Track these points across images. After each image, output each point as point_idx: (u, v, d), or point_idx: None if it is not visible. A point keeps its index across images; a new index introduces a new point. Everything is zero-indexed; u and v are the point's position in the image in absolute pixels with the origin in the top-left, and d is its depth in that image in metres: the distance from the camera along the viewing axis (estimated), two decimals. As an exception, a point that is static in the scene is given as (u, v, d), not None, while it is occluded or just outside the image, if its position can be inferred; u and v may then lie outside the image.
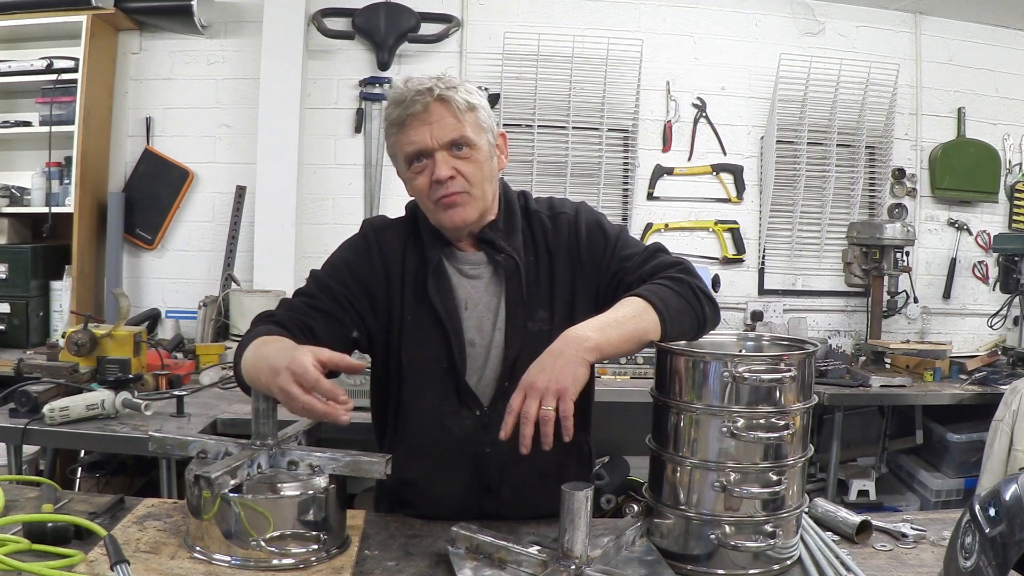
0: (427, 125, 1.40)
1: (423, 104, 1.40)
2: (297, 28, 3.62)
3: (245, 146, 3.71)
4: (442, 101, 1.41)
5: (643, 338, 1.31)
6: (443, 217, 1.44)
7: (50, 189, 3.53)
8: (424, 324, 1.48)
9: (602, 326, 1.29)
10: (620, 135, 3.92)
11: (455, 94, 1.41)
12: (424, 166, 1.42)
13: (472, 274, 1.51)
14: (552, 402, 1.19)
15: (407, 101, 1.40)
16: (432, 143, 1.40)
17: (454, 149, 1.42)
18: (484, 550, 1.23)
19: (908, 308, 4.02)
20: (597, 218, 1.55)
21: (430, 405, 1.49)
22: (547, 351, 1.25)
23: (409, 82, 1.43)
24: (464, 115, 1.42)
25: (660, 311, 1.32)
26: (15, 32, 3.56)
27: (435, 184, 1.41)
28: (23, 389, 2.25)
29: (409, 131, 1.41)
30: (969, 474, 3.27)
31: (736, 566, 1.25)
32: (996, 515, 1.02)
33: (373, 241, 1.53)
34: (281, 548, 1.20)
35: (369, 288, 1.49)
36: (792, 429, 1.25)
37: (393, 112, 1.43)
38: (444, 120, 1.41)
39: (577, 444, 1.56)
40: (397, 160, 1.48)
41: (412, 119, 1.41)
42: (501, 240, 1.49)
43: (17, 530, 1.23)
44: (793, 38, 3.99)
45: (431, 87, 1.41)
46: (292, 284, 3.62)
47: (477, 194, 1.44)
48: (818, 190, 4.01)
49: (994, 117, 4.12)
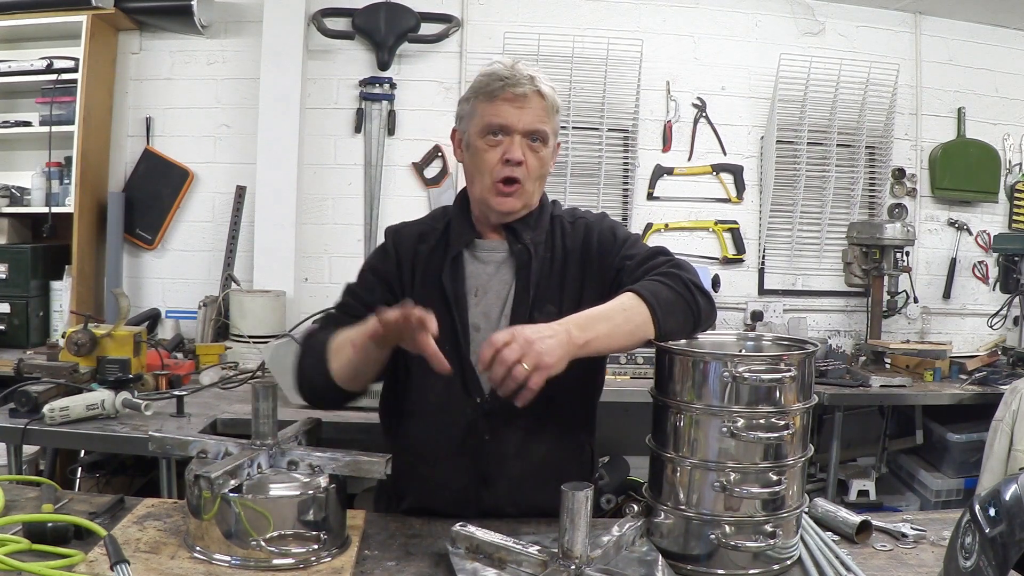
0: (520, 108, 1.47)
1: (526, 88, 1.47)
2: (297, 28, 3.62)
3: (245, 146, 3.71)
4: (540, 95, 1.49)
5: (635, 331, 1.32)
6: (494, 200, 1.50)
7: (50, 189, 3.53)
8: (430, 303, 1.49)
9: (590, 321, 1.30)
10: (620, 135, 3.92)
11: (552, 94, 1.51)
12: (499, 142, 1.49)
13: (487, 260, 1.56)
14: (530, 364, 1.20)
15: (512, 78, 1.47)
16: (518, 124, 1.47)
17: (530, 139, 1.49)
18: (484, 550, 1.23)
19: (908, 308, 4.01)
20: (612, 225, 1.60)
21: (432, 389, 1.50)
22: (549, 327, 1.26)
23: (517, 64, 1.50)
24: (551, 115, 1.51)
25: (650, 303, 1.33)
26: (15, 32, 3.55)
27: (504, 163, 1.47)
28: (23, 389, 2.24)
29: (501, 105, 1.47)
30: (969, 474, 3.27)
31: (736, 566, 1.25)
32: (996, 515, 1.02)
33: (391, 242, 1.61)
34: (281, 548, 1.20)
35: (391, 285, 1.57)
36: (792, 429, 1.25)
37: (490, 83, 1.49)
38: (536, 110, 1.48)
39: (579, 444, 1.57)
40: (469, 124, 1.53)
41: (510, 95, 1.47)
42: (524, 232, 1.54)
43: (17, 530, 1.23)
44: (793, 38, 3.99)
45: (536, 77, 1.49)
46: (292, 284, 3.63)
47: (530, 188, 1.51)
48: (818, 190, 4.01)
49: (994, 117, 4.12)
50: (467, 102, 1.54)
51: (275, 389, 1.33)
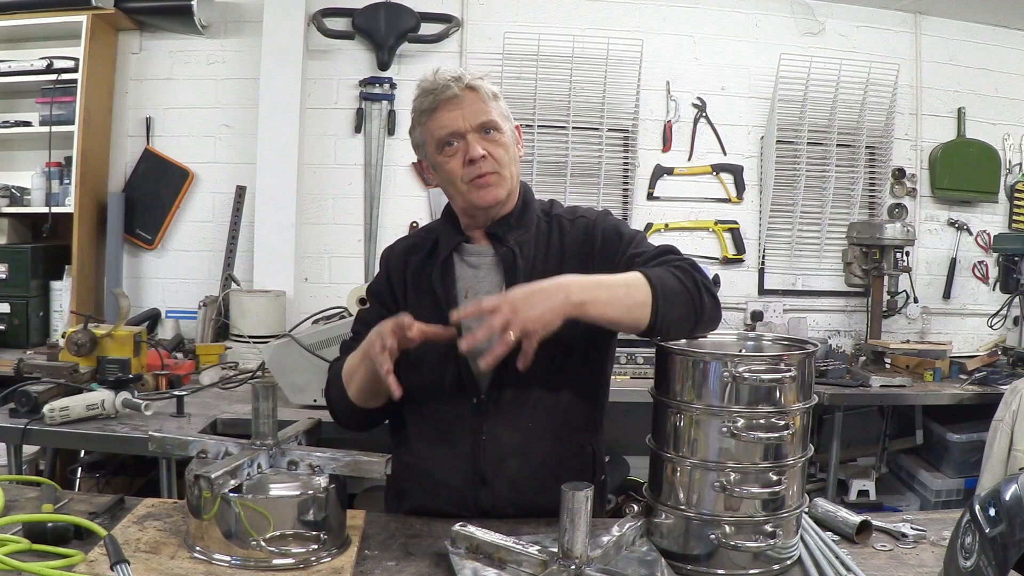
0: (459, 109, 1.48)
1: (454, 90, 1.47)
2: (297, 28, 3.62)
3: (245, 146, 3.71)
4: (471, 89, 1.49)
5: (632, 308, 1.31)
6: (477, 197, 1.50)
7: (50, 189, 3.53)
8: (423, 308, 1.52)
9: (594, 284, 1.31)
10: (620, 135, 3.92)
11: (483, 83, 1.51)
12: (456, 149, 1.50)
13: (476, 263, 1.57)
14: (516, 333, 1.21)
15: (438, 88, 1.48)
16: (464, 125, 1.48)
17: (483, 132, 1.50)
18: (484, 550, 1.23)
19: (908, 308, 4.02)
20: (616, 223, 1.59)
21: (428, 389, 1.51)
22: (539, 285, 1.27)
23: (438, 73, 1.51)
24: (491, 102, 1.51)
25: (654, 285, 1.32)
26: (15, 32, 3.55)
27: (469, 164, 1.48)
28: (23, 389, 2.24)
29: (441, 116, 1.49)
30: (969, 474, 3.27)
31: (736, 566, 1.25)
32: (996, 515, 1.02)
33: (383, 263, 1.67)
34: (281, 548, 1.20)
35: (387, 304, 1.60)
36: (792, 429, 1.25)
37: (424, 100, 1.50)
38: (475, 105, 1.49)
39: (580, 446, 1.57)
40: (426, 147, 1.55)
41: (444, 104, 1.48)
42: (508, 235, 1.54)
43: (17, 530, 1.23)
44: (793, 38, 3.99)
45: (460, 75, 1.50)
46: (292, 284, 3.63)
47: (506, 175, 1.51)
48: (818, 190, 4.01)
49: (994, 117, 4.12)
50: (414, 130, 1.57)
51: (275, 389, 1.33)
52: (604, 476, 1.61)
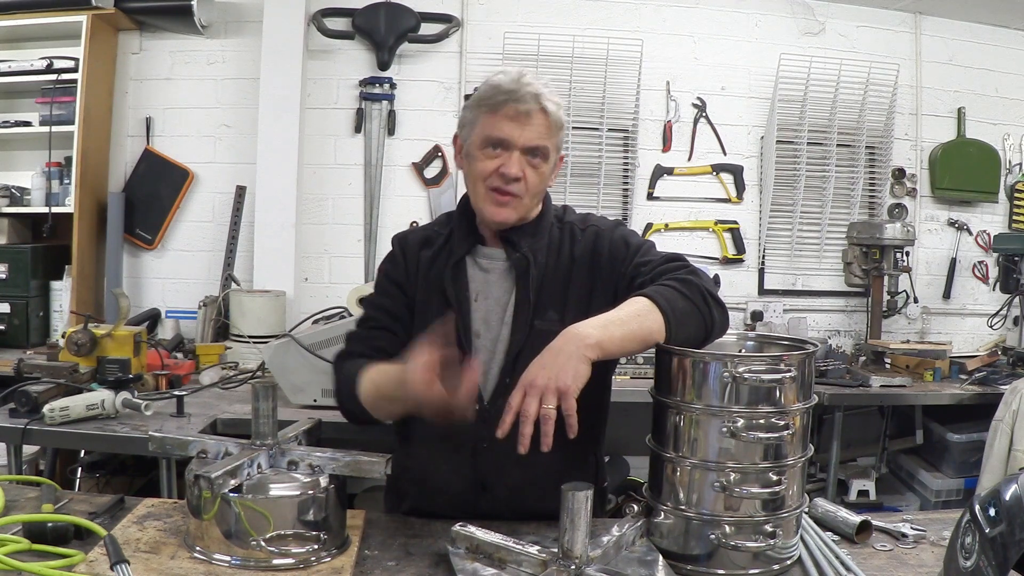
0: (522, 125, 1.46)
1: (529, 107, 1.45)
2: (297, 28, 3.62)
3: (245, 146, 3.71)
4: (544, 112, 1.47)
5: (648, 338, 1.30)
6: (488, 209, 1.50)
7: (50, 189, 3.53)
8: (433, 309, 1.53)
9: (604, 323, 1.28)
10: (620, 135, 3.92)
11: (557, 110, 1.49)
12: (497, 155, 1.48)
13: (488, 267, 1.56)
14: (553, 400, 1.19)
15: (517, 94, 1.45)
16: (518, 141, 1.46)
17: (530, 155, 1.48)
18: (484, 550, 1.23)
19: (908, 308, 4.02)
20: (625, 233, 1.58)
21: None
22: (548, 348, 1.25)
23: (523, 78, 1.48)
24: (553, 131, 1.50)
25: (665, 311, 1.31)
26: (15, 32, 3.55)
27: (499, 175, 1.47)
28: (23, 389, 2.24)
29: (503, 119, 1.46)
30: (969, 474, 3.27)
31: (736, 566, 1.25)
32: (996, 515, 1.02)
33: (398, 248, 1.64)
34: (281, 548, 1.20)
35: (404, 288, 1.59)
36: (792, 429, 1.25)
37: (495, 95, 1.47)
38: (539, 127, 1.47)
39: (583, 454, 1.57)
40: (471, 133, 1.52)
41: (512, 111, 1.45)
42: (522, 240, 1.53)
43: (17, 530, 1.23)
44: (793, 38, 3.98)
45: (541, 94, 1.47)
46: (292, 284, 3.63)
47: (527, 202, 1.51)
48: (818, 190, 4.01)
49: (994, 117, 4.12)
50: (470, 110, 1.53)
51: (275, 389, 1.33)
52: (606, 483, 1.61)
